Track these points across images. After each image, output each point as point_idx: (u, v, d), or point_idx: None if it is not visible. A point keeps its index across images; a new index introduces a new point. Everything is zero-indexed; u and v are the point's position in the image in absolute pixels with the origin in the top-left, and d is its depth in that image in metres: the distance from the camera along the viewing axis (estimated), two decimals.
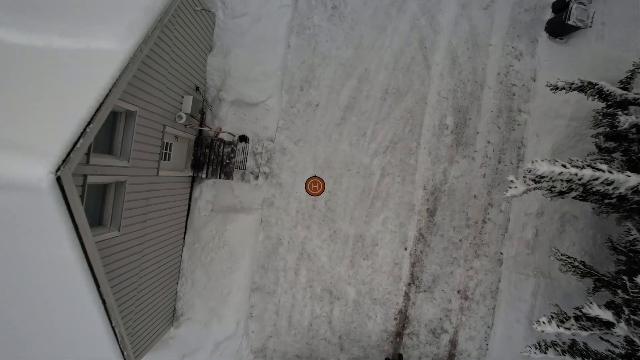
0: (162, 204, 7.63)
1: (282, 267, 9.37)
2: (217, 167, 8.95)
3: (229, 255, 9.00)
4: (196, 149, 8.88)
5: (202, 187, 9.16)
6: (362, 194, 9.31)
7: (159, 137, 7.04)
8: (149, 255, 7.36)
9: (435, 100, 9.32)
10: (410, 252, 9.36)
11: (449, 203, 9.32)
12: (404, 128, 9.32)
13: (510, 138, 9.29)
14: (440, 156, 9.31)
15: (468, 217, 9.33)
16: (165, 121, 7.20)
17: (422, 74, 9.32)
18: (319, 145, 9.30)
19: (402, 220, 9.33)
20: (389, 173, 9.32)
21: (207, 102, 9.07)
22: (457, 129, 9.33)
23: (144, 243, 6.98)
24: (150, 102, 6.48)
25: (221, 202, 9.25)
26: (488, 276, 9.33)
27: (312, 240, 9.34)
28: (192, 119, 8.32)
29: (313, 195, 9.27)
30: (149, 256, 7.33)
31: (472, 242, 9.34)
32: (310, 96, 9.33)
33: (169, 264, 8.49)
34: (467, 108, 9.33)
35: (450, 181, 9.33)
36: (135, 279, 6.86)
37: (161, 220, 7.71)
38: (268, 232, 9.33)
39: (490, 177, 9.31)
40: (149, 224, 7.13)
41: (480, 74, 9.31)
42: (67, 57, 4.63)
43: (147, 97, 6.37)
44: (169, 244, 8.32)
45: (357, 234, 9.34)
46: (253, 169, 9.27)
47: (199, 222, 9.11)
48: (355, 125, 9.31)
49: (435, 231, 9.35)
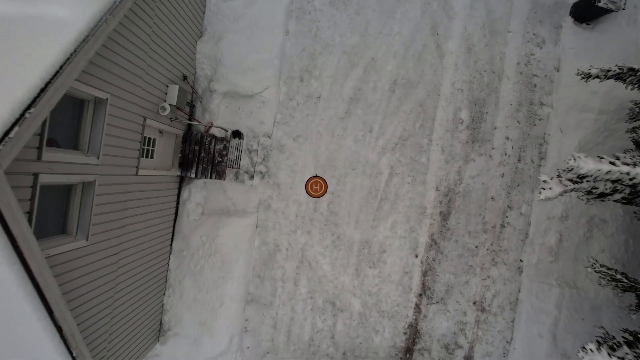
0: (143, 207, 6.67)
1: (280, 277, 8.41)
2: (208, 166, 7.99)
3: (221, 263, 8.03)
4: (184, 146, 7.92)
5: (191, 188, 8.20)
6: (369, 196, 8.37)
7: (138, 130, 6.08)
8: (128, 266, 6.40)
9: (448, 92, 8.39)
10: (421, 260, 8.42)
11: (464, 206, 8.38)
12: (414, 123, 8.38)
13: (531, 134, 8.35)
14: (454, 154, 8.37)
15: (485, 221, 8.39)
16: (146, 113, 6.24)
17: (434, 63, 8.38)
18: (321, 142, 8.35)
19: (412, 225, 8.38)
20: (398, 172, 8.37)
21: (196, 94, 8.12)
22: (472, 123, 8.40)
23: (120, 252, 6.01)
24: (126, 90, 5.52)
25: (212, 205, 8.29)
26: (507, 286, 8.38)
27: (313, 247, 8.39)
28: (178, 111, 7.36)
29: (314, 197, 8.33)
30: (127, 267, 6.37)
31: (490, 248, 8.39)
32: (311, 88, 8.38)
33: (153, 274, 7.52)
34: (483, 101, 8.40)
35: (465, 181, 8.38)
36: (110, 293, 5.90)
37: (143, 226, 6.75)
38: (264, 238, 8.37)
39: (509, 177, 8.37)
40: (128, 230, 6.17)
41: (498, 64, 8.37)
42: (14, 25, 3.67)
43: (122, 84, 5.41)
44: (153, 251, 7.35)
45: (362, 240, 8.39)
46: (248, 168, 8.32)
47: (187, 226, 8.15)
48: (361, 119, 8.36)
49: (449, 236, 8.41)
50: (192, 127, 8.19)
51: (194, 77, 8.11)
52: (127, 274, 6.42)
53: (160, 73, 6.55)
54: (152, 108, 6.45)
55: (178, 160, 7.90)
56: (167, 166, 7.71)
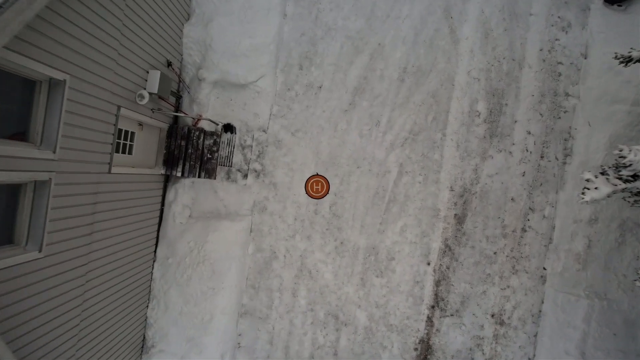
0: (120, 210, 5.76)
1: (276, 287, 7.50)
2: (196, 164, 7.08)
3: (210, 272, 7.12)
4: (169, 141, 7.01)
5: (178, 188, 7.29)
6: (375, 197, 7.46)
7: (110, 121, 5.17)
8: (101, 278, 5.49)
9: (464, 82, 7.49)
10: (434, 268, 7.51)
11: (481, 207, 7.48)
12: (426, 115, 7.48)
13: (555, 128, 7.45)
14: (470, 150, 7.47)
15: (504, 225, 7.49)
16: (120, 101, 5.33)
17: (448, 49, 7.48)
18: (322, 137, 7.45)
19: (424, 229, 7.48)
20: (408, 171, 7.47)
21: (183, 83, 7.21)
22: (490, 116, 7.50)
23: (90, 263, 5.10)
24: (92, 72, 4.61)
25: (201, 207, 7.38)
26: (529, 296, 7.48)
27: (313, 254, 7.48)
28: (162, 102, 6.45)
29: (315, 198, 7.43)
30: (100, 279, 5.45)
31: (509, 255, 7.49)
32: (311, 76, 7.48)
33: (134, 285, 6.61)
34: (502, 91, 7.50)
35: (482, 181, 7.48)
36: (76, 312, 4.98)
37: (120, 231, 5.84)
38: (259, 244, 7.46)
39: (530, 176, 7.47)
40: (99, 237, 5.26)
41: (519, 50, 7.47)
42: None
43: (87, 64, 4.50)
44: (133, 260, 6.44)
45: (368, 246, 7.48)
46: (241, 166, 7.41)
47: (173, 231, 7.24)
48: (367, 112, 7.46)
49: (465, 242, 7.51)
50: (178, 120, 7.28)
51: (180, 64, 7.20)
52: (100, 287, 5.51)
53: (138, 56, 5.64)
54: (129, 96, 5.54)
55: (162, 157, 6.99)
56: (149, 164, 6.80)
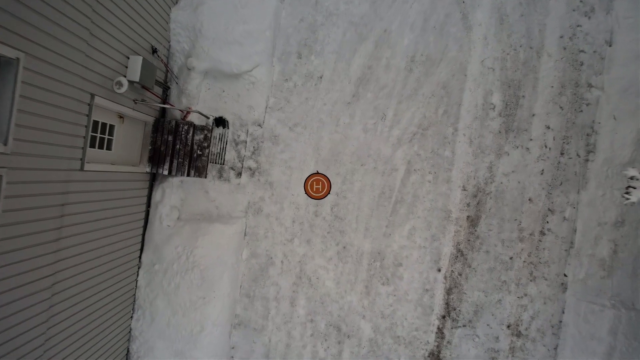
0: (96, 212, 5.08)
1: (273, 296, 6.83)
2: (185, 161, 6.41)
3: (200, 280, 6.45)
4: (155, 136, 6.34)
5: (165, 187, 6.61)
6: (381, 197, 6.80)
7: (81, 111, 4.50)
8: (73, 289, 4.82)
9: (477, 72, 6.82)
10: (445, 275, 6.84)
11: (497, 209, 6.81)
12: (436, 108, 6.81)
13: (576, 122, 6.78)
14: (484, 146, 6.81)
15: (521, 228, 6.82)
16: (94, 89, 4.66)
17: (460, 36, 6.82)
18: (323, 132, 6.78)
19: (434, 232, 6.81)
20: (417, 169, 6.81)
21: (171, 73, 6.54)
22: (506, 109, 6.83)
23: (56, 274, 4.43)
24: (55, 52, 3.93)
25: (191, 208, 6.71)
26: (548, 306, 6.81)
27: (313, 259, 6.81)
28: (146, 92, 5.79)
29: (315, 199, 6.76)
30: (71, 290, 4.78)
31: (527, 260, 6.82)
32: (310, 66, 6.81)
33: (116, 295, 5.94)
34: (519, 82, 6.83)
35: (497, 179, 6.82)
36: (41, 329, 4.31)
37: (96, 236, 5.16)
38: (254, 249, 6.79)
39: (550, 174, 6.80)
40: (68, 243, 4.57)
41: (537, 38, 6.81)
42: None
43: (50, 43, 3.82)
44: (114, 267, 5.77)
45: (373, 251, 6.81)
46: (234, 164, 6.75)
47: (160, 235, 6.57)
48: (372, 104, 6.80)
49: (478, 246, 6.84)
50: (166, 112, 6.61)
51: (167, 51, 6.53)
52: (73, 299, 4.83)
53: (116, 38, 4.97)
54: (105, 84, 4.87)
55: (147, 153, 6.31)
56: (133, 161, 6.13)
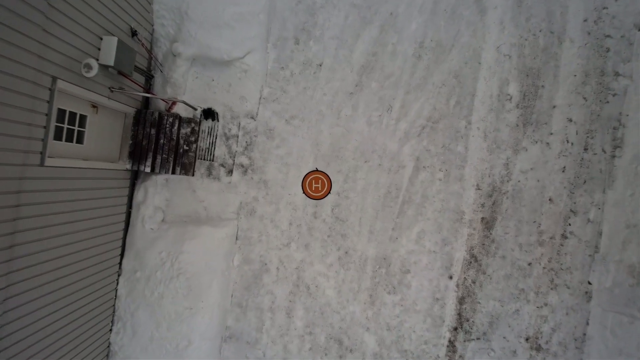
0: (64, 214, 4.39)
1: (268, 306, 6.14)
2: (170, 157, 5.73)
3: (187, 289, 5.76)
4: (136, 129, 5.66)
5: (148, 186, 5.93)
6: (387, 197, 6.12)
7: (40, 96, 3.81)
8: (33, 304, 4.13)
9: (492, 60, 6.15)
10: (457, 282, 6.16)
11: (514, 210, 6.13)
12: (447, 99, 6.14)
13: (602, 114, 6.10)
14: (500, 141, 6.13)
15: (541, 230, 6.14)
16: (56, 71, 3.97)
17: (473, 20, 6.14)
18: (323, 125, 6.11)
19: (445, 236, 6.13)
20: (426, 166, 6.13)
21: (155, 60, 5.86)
22: (524, 101, 6.16)
23: (8, 288, 3.75)
24: (2, 23, 3.27)
25: (177, 210, 6.02)
26: (571, 317, 6.13)
27: (312, 266, 6.13)
28: (124, 79, 5.10)
29: (314, 199, 6.08)
30: (30, 306, 4.10)
31: (547, 266, 6.14)
32: (309, 52, 6.13)
33: (93, 305, 5.25)
34: (538, 71, 6.16)
35: (515, 177, 6.14)
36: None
37: (65, 241, 4.47)
38: (247, 254, 6.11)
39: (572, 172, 6.12)
40: (25, 250, 3.89)
41: (559, 21, 6.13)
42: None
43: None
44: (90, 275, 5.08)
45: (378, 256, 6.14)
46: (225, 160, 6.07)
47: (143, 239, 5.88)
48: (377, 95, 6.12)
49: (494, 251, 6.16)
50: (150, 104, 5.93)
51: (151, 36, 5.85)
52: (33, 314, 4.15)
53: (85, 15, 4.28)
54: (71, 66, 4.18)
55: (128, 148, 5.63)
56: (111, 156, 5.44)
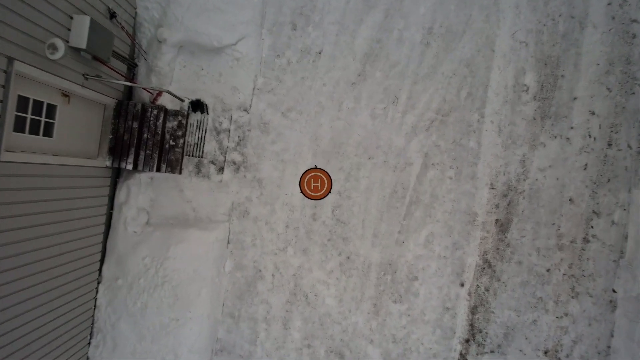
0: (27, 216, 3.85)
1: (262, 316, 5.58)
2: (155, 153, 5.17)
3: (173, 298, 5.20)
4: (117, 122, 5.10)
5: (131, 185, 5.37)
6: (392, 197, 5.56)
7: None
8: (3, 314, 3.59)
9: (507, 47, 5.59)
10: (469, 290, 5.60)
11: (531, 211, 5.56)
12: (458, 90, 5.57)
13: (627, 106, 5.52)
14: (516, 136, 5.57)
15: (560, 233, 5.57)
16: (13, 51, 3.42)
17: (486, 4, 5.58)
18: (323, 118, 5.55)
19: (456, 239, 5.57)
20: (436, 163, 5.57)
21: (139, 47, 5.30)
22: (542, 92, 5.59)
23: None
24: None
25: (162, 211, 5.46)
26: (594, 328, 5.56)
27: (311, 272, 5.57)
28: (101, 66, 4.54)
29: (313, 199, 5.53)
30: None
31: (567, 272, 5.58)
32: (308, 39, 5.57)
33: (69, 316, 4.69)
34: (557, 59, 5.59)
35: (532, 176, 5.58)
36: None
37: (31, 247, 3.93)
38: (240, 259, 5.55)
39: (595, 169, 5.55)
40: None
41: (580, 5, 5.56)
42: None
43: None
44: (65, 282, 4.52)
45: (383, 262, 5.57)
46: (215, 157, 5.51)
47: (125, 243, 5.32)
48: (381, 85, 5.56)
49: (509, 256, 5.59)
50: (132, 94, 5.37)
51: (134, 20, 5.29)
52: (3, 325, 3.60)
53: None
54: (34, 47, 3.63)
55: (108, 143, 5.07)
56: (88, 152, 4.88)
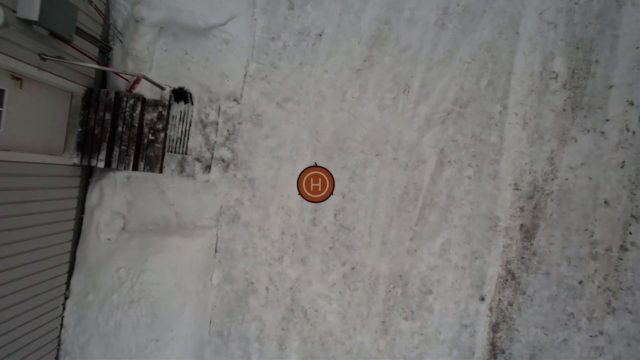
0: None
1: (255, 335, 4.85)
2: (131, 149, 4.45)
3: (151, 316, 4.47)
4: (87, 113, 4.38)
5: (104, 186, 4.64)
6: (403, 200, 4.83)
7: None
8: None
9: (533, 29, 4.86)
10: (490, 306, 4.87)
11: (560, 215, 4.83)
12: (478, 78, 4.85)
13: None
14: (543, 129, 4.84)
15: (594, 241, 4.84)
16: None
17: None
18: (324, 109, 4.82)
19: (475, 248, 4.83)
20: (452, 160, 4.84)
21: (114, 27, 4.58)
22: (573, 80, 4.86)
23: None
24: None
25: (141, 215, 4.73)
26: (633, 348, 4.82)
27: (310, 285, 4.83)
28: (65, 46, 3.82)
29: (313, 202, 4.80)
30: None
31: (602, 285, 4.84)
32: (306, 19, 4.85)
33: (31, 337, 3.98)
34: (590, 42, 4.87)
35: (561, 175, 4.84)
36: None
37: None
38: (229, 271, 4.81)
39: (633, 168, 4.82)
40: None
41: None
42: None
43: None
44: (25, 298, 3.81)
45: (393, 273, 4.84)
46: (201, 153, 4.78)
47: (97, 252, 4.59)
48: (390, 72, 4.83)
49: (536, 266, 4.86)
50: (107, 81, 4.65)
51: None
52: None
53: None
54: None
55: (76, 137, 4.35)
56: (51, 147, 4.16)
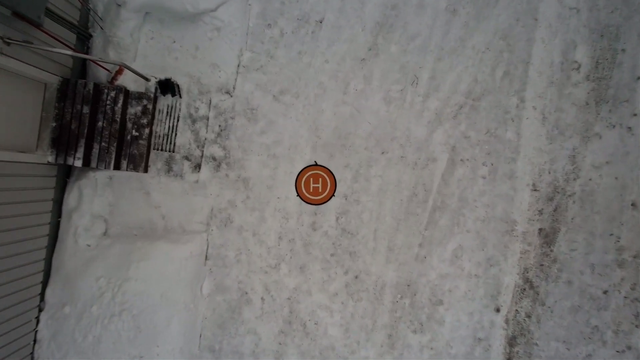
0: None
1: (250, 349, 4.40)
2: (112, 146, 4.01)
3: (134, 330, 4.03)
4: (62, 106, 3.94)
5: (84, 187, 4.20)
6: (412, 202, 4.39)
7: None
8: None
9: (553, 15, 4.43)
10: (506, 317, 4.43)
11: (583, 218, 4.39)
12: (493, 69, 4.41)
13: None
14: (564, 125, 4.40)
15: (620, 247, 4.40)
16: None
17: None
18: (325, 103, 4.38)
19: (490, 254, 4.39)
20: (465, 159, 4.40)
21: (94, 12, 4.15)
22: (596, 70, 4.43)
23: None
24: None
25: (124, 219, 4.29)
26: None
27: (310, 295, 4.39)
28: (33, 29, 3.39)
29: (313, 204, 4.37)
30: None
31: (630, 295, 4.40)
32: (306, 4, 4.41)
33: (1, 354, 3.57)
34: (616, 30, 4.43)
35: (584, 174, 4.41)
36: None
37: None
38: (221, 280, 4.37)
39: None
40: None
41: None
42: None
43: None
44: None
45: (400, 282, 4.40)
46: (190, 151, 4.35)
47: (75, 260, 4.15)
48: (397, 62, 4.40)
49: (557, 274, 4.42)
50: (87, 72, 4.22)
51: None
52: None
53: None
54: None
55: (50, 133, 3.92)
56: (21, 144, 3.73)
